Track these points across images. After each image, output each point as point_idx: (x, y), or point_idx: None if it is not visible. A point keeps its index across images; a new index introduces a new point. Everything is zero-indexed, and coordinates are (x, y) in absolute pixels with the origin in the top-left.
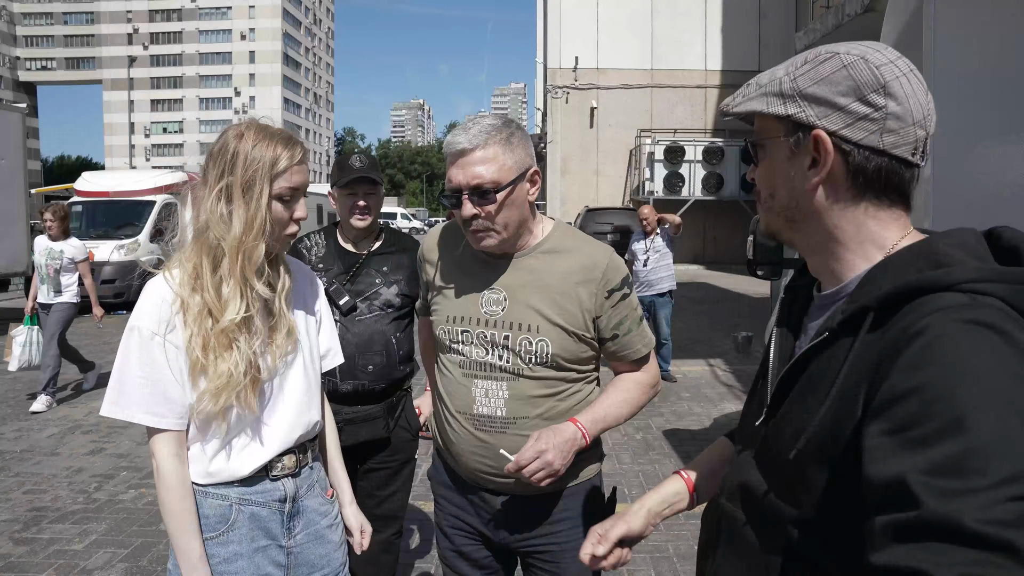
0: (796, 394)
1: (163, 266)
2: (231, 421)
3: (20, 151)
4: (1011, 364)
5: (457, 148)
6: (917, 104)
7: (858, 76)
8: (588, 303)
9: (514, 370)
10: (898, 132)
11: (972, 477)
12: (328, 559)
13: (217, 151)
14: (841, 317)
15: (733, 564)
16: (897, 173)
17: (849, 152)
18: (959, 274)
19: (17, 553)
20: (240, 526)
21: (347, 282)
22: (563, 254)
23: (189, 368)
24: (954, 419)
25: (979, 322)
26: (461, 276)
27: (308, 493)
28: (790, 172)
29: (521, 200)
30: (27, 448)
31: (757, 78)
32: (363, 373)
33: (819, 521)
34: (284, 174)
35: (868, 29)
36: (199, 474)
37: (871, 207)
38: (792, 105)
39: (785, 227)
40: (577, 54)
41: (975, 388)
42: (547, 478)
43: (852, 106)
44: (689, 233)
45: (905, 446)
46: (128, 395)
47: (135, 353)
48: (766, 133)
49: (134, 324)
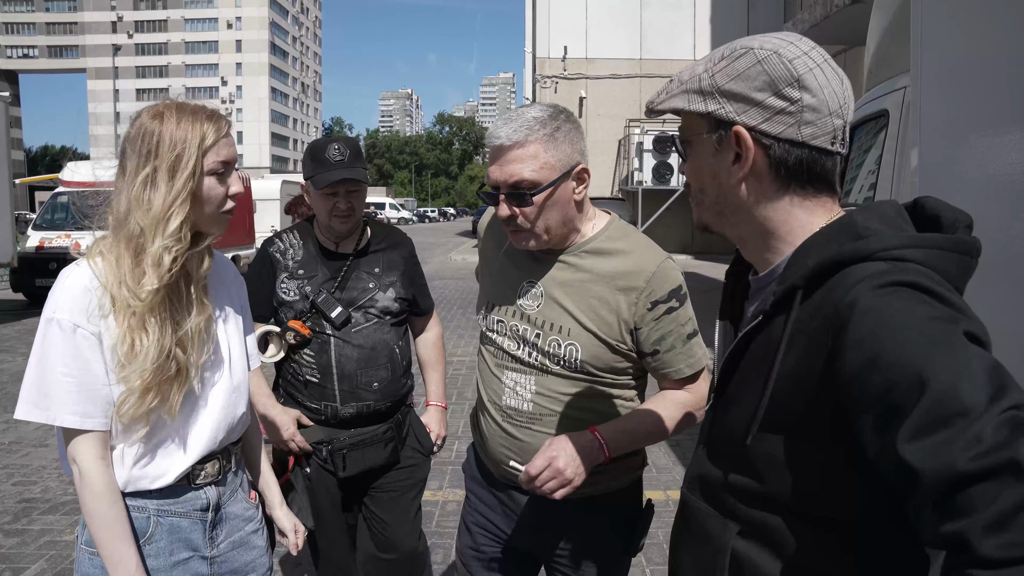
0: (740, 376)
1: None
2: (152, 423)
3: (3, 140)
4: (939, 310)
5: (496, 143)
6: (832, 94)
7: (772, 71)
8: (626, 313)
9: (542, 367)
10: (815, 123)
11: (955, 420)
12: (254, 565)
13: (135, 136)
14: (772, 299)
15: (692, 553)
16: (818, 162)
17: (769, 146)
18: (876, 243)
19: (8, 544)
20: (159, 539)
21: (335, 289)
22: (609, 256)
23: (115, 362)
24: (915, 377)
25: (902, 283)
26: (505, 264)
27: (231, 499)
28: (716, 168)
29: (565, 200)
30: (15, 440)
31: (679, 74)
32: (367, 392)
33: (779, 488)
34: (213, 148)
35: (857, 20)
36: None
37: (796, 197)
38: (712, 102)
39: (716, 220)
40: (566, 44)
41: (920, 340)
42: (560, 488)
43: (768, 101)
44: (678, 223)
45: (888, 423)
46: (51, 395)
47: (57, 347)
48: (691, 130)
49: (52, 315)
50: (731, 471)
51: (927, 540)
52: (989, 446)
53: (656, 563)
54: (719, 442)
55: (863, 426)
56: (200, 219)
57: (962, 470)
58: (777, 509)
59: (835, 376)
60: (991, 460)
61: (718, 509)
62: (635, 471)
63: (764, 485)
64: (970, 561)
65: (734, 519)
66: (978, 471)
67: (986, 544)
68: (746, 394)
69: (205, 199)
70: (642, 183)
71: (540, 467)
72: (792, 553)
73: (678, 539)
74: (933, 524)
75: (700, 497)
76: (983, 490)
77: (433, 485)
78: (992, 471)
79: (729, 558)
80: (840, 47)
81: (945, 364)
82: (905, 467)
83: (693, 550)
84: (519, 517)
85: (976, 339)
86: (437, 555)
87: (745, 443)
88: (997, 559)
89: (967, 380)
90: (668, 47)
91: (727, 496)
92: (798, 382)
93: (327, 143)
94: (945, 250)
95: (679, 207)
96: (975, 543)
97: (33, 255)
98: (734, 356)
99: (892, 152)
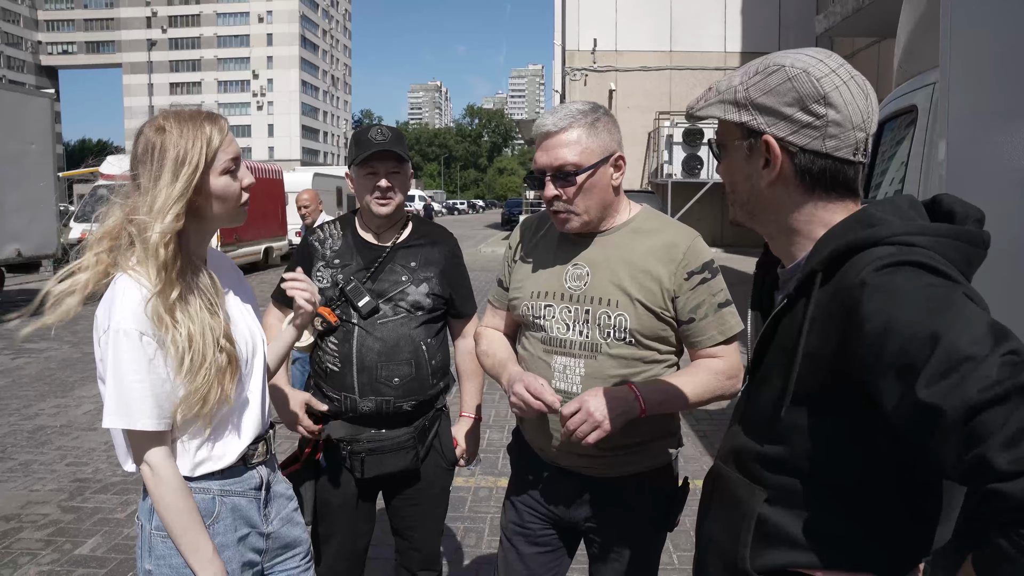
0: (770, 357)
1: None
2: (213, 413)
3: (49, 136)
4: (937, 280)
5: (543, 130)
6: (856, 110)
7: (801, 88)
8: (667, 282)
9: (592, 347)
10: (838, 137)
11: (965, 363)
12: (299, 539)
13: (142, 152)
14: (795, 283)
15: (718, 517)
16: (841, 172)
17: (796, 155)
18: (885, 230)
19: (66, 520)
20: (224, 518)
21: (367, 280)
22: (647, 234)
23: (176, 363)
24: (927, 335)
25: (905, 262)
26: (546, 253)
27: (275, 478)
28: (748, 171)
29: (604, 184)
30: (66, 423)
31: (716, 84)
32: (388, 387)
33: (802, 456)
34: (221, 148)
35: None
36: (184, 467)
37: (820, 200)
38: (745, 113)
39: (747, 218)
40: (595, 36)
41: (924, 305)
42: (592, 431)
43: (796, 115)
44: (708, 216)
45: (906, 377)
46: (129, 403)
47: (127, 356)
48: (726, 135)
49: (118, 327)
50: (764, 442)
51: (951, 474)
52: (995, 379)
53: (683, 549)
54: (753, 417)
55: (883, 387)
56: (221, 215)
57: (976, 401)
58: (800, 475)
59: (851, 350)
60: (1000, 389)
61: (748, 477)
62: (672, 451)
63: (790, 453)
64: (993, 477)
65: (761, 486)
66: (990, 398)
67: (1001, 459)
68: (776, 372)
69: (223, 197)
70: (672, 176)
71: (572, 409)
72: (808, 515)
73: (707, 509)
74: (956, 455)
75: (733, 467)
76: (995, 414)
77: (465, 472)
78: (1002, 397)
79: (755, 521)
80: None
81: (948, 320)
82: (926, 409)
83: (721, 515)
84: (564, 496)
85: (973, 300)
86: (471, 539)
87: (778, 417)
88: (1014, 472)
89: (970, 331)
90: (698, 39)
91: (757, 466)
92: (817, 358)
93: (369, 127)
94: (950, 238)
95: (709, 200)
96: (993, 460)
97: (76, 246)
98: (764, 339)
99: (921, 147)
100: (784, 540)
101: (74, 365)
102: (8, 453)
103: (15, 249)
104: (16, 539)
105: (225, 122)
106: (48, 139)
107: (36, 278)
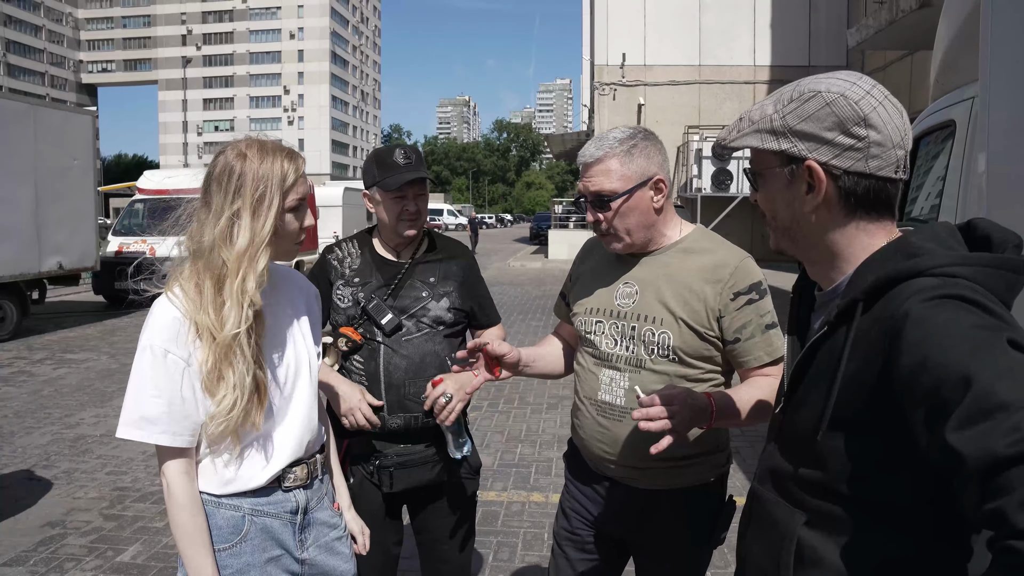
0: (808, 381)
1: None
2: (241, 436)
3: (91, 152)
4: (983, 319)
5: (582, 160)
6: (895, 128)
7: (840, 112)
8: (712, 302)
9: (637, 362)
10: (880, 156)
11: (995, 413)
12: (341, 571)
13: (220, 173)
14: (836, 311)
15: (758, 539)
16: (884, 190)
17: (839, 177)
18: (928, 261)
19: (108, 528)
20: (253, 537)
21: (388, 297)
22: (697, 254)
23: (202, 385)
24: (961, 377)
25: (949, 296)
26: (601, 272)
27: (318, 506)
28: (789, 198)
29: (644, 207)
30: (105, 433)
31: (748, 113)
32: (415, 404)
33: (841, 479)
34: (293, 187)
35: (923, 24)
36: (214, 484)
37: (862, 221)
38: (784, 141)
39: (790, 245)
40: (624, 50)
41: (964, 346)
42: (660, 429)
43: (838, 139)
44: (738, 230)
45: (937, 417)
46: (147, 416)
47: (149, 372)
48: (763, 164)
49: (147, 343)
50: (801, 465)
51: (971, 518)
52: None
53: (717, 567)
54: (790, 439)
55: (915, 420)
56: (276, 250)
57: (1001, 455)
58: (839, 499)
59: (890, 378)
60: None
61: (786, 499)
62: (721, 467)
63: (828, 477)
64: (1008, 534)
65: (801, 508)
66: (1015, 455)
67: (1019, 517)
68: (814, 396)
69: (284, 234)
70: (701, 190)
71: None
72: (847, 540)
73: (746, 528)
74: (976, 504)
75: (771, 488)
76: (1019, 472)
77: (498, 486)
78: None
79: (796, 544)
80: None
81: (987, 365)
82: (952, 453)
83: (761, 537)
84: (612, 506)
85: (1018, 346)
86: (504, 553)
87: (815, 439)
88: None
89: (1007, 379)
90: (727, 52)
91: (795, 488)
92: (858, 384)
93: (392, 148)
94: (992, 268)
95: (739, 214)
96: (1012, 518)
97: (113, 259)
98: (803, 363)
99: (959, 161)
100: (825, 565)
101: (112, 375)
102: (52, 461)
103: (57, 262)
104: (61, 544)
105: (303, 161)
106: (89, 155)
107: (75, 290)
